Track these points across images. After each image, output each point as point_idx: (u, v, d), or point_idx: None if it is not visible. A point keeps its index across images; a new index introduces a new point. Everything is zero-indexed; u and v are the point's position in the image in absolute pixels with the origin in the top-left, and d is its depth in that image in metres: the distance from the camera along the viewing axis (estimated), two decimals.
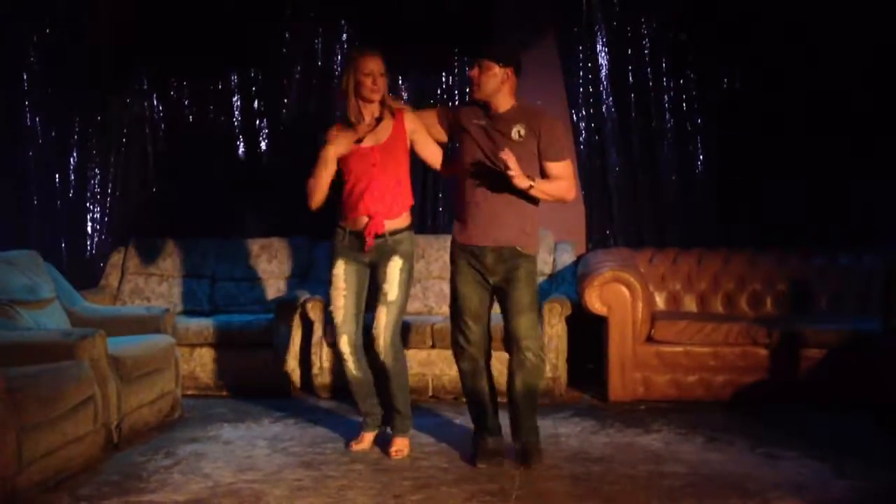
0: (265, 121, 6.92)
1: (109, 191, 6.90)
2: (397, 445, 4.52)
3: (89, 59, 6.75)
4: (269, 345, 5.90)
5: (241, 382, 5.92)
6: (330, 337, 4.43)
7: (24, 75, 6.73)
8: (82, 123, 6.84)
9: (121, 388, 4.63)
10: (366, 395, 4.60)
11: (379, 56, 4.41)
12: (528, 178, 4.17)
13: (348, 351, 4.50)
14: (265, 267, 6.58)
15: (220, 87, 6.90)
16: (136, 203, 6.96)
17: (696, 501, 3.81)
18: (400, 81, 6.79)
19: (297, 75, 6.84)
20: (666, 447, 4.65)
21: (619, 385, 5.61)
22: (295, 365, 5.93)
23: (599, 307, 5.62)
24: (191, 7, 6.72)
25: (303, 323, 5.94)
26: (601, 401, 5.65)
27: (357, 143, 4.42)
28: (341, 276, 4.48)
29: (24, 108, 6.75)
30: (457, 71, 6.75)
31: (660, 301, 6.21)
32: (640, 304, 5.62)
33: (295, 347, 5.92)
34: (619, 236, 6.65)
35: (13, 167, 6.75)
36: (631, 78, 6.58)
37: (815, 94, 6.32)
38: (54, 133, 6.82)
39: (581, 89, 6.65)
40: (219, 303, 6.51)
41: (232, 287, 6.55)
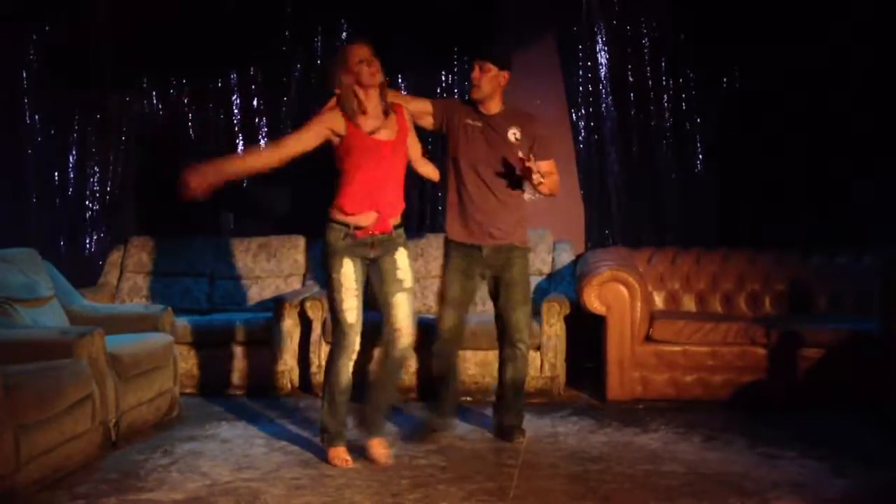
0: (265, 119, 6.92)
1: (108, 189, 6.91)
2: (385, 448, 4.42)
3: (89, 57, 6.74)
4: (268, 343, 5.90)
5: (240, 381, 5.92)
6: (343, 339, 4.27)
7: (23, 74, 6.73)
8: (82, 122, 6.85)
9: (119, 386, 4.63)
10: (346, 403, 4.42)
11: (365, 43, 4.30)
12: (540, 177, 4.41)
13: (357, 352, 4.37)
14: (263, 265, 6.59)
15: (220, 85, 6.91)
16: (134, 201, 6.96)
17: (694, 501, 3.81)
18: (399, 80, 6.80)
19: (296, 74, 6.84)
20: (664, 446, 4.65)
21: (618, 384, 5.61)
22: (293, 363, 5.93)
23: (598, 306, 5.62)
24: (191, 6, 6.72)
25: (301, 322, 5.94)
26: (599, 400, 5.65)
27: (370, 133, 4.29)
28: (351, 276, 4.28)
29: (24, 106, 6.75)
30: (456, 70, 6.75)
31: (658, 300, 6.21)
32: (638, 304, 5.62)
33: (293, 346, 5.92)
34: (617, 236, 6.65)
35: (12, 165, 6.75)
36: (630, 77, 6.58)
37: (814, 93, 6.32)
38: (54, 131, 6.82)
39: (580, 88, 6.65)
40: (217, 301, 6.51)
41: (230, 286, 6.55)
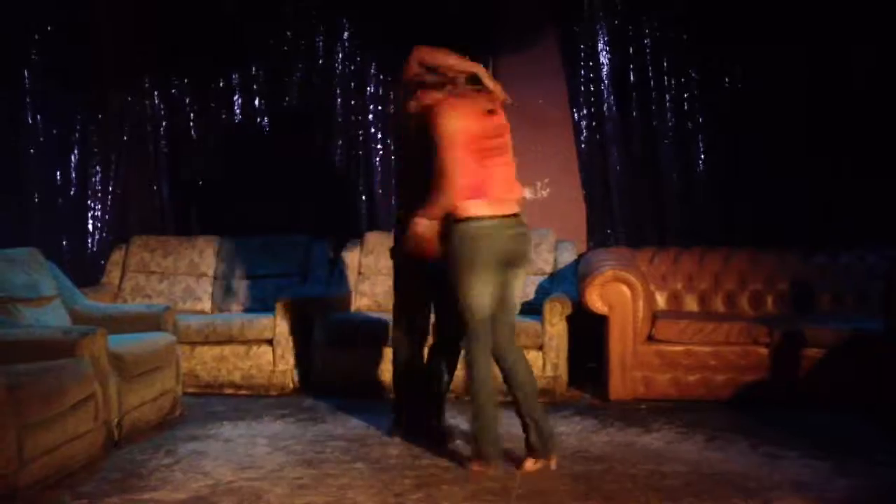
0: (266, 119, 6.92)
1: (111, 188, 6.91)
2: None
3: (90, 57, 6.75)
4: (270, 343, 5.90)
5: (242, 380, 5.92)
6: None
7: (25, 73, 6.72)
8: (83, 121, 6.84)
9: (121, 385, 4.63)
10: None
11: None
12: None
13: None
14: (265, 265, 6.58)
15: (222, 84, 6.91)
16: (136, 201, 6.96)
17: (696, 501, 3.81)
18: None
19: (298, 73, 6.84)
20: (666, 446, 4.65)
21: (620, 384, 5.61)
22: (295, 363, 5.92)
23: (600, 306, 5.62)
24: (192, 5, 6.73)
25: (303, 321, 5.94)
26: (602, 400, 5.64)
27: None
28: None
29: (26, 106, 6.75)
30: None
31: (661, 300, 6.21)
32: (640, 304, 5.61)
33: (295, 345, 5.92)
34: (620, 235, 6.65)
35: (14, 165, 6.75)
36: (632, 77, 6.58)
37: (816, 93, 6.32)
38: (55, 131, 6.81)
39: (582, 88, 6.64)
40: (219, 301, 6.52)
41: (232, 285, 6.55)
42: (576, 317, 5.78)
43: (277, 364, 5.89)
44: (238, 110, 6.91)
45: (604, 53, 6.61)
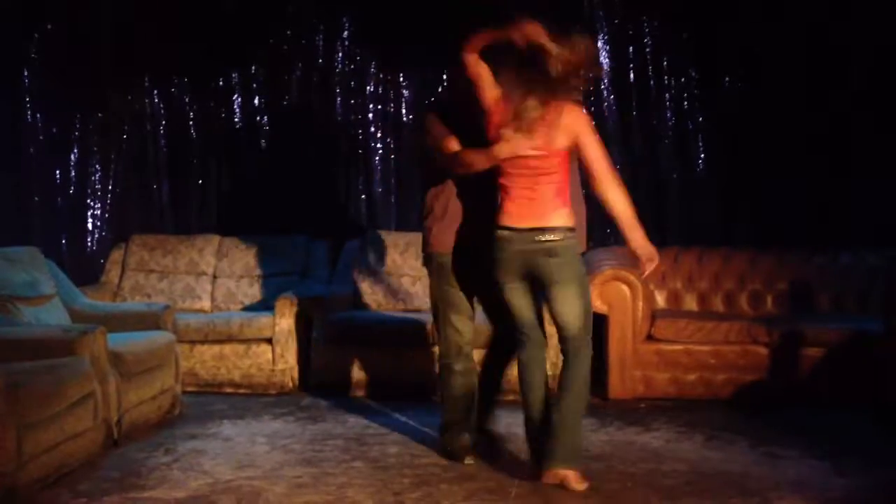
0: (266, 118, 6.93)
1: (110, 187, 6.91)
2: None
3: (90, 55, 6.75)
4: (269, 342, 5.90)
5: (241, 379, 5.92)
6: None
7: (24, 71, 6.72)
8: (83, 120, 6.84)
9: (121, 384, 4.63)
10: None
11: None
12: None
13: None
14: (265, 264, 6.58)
15: (221, 83, 6.91)
16: (136, 200, 6.97)
17: (695, 500, 3.81)
18: (401, 79, 6.80)
19: (298, 72, 6.84)
20: (666, 445, 4.65)
21: (619, 383, 5.61)
22: (294, 362, 5.93)
23: (599, 305, 5.61)
24: (191, 4, 6.72)
25: (302, 320, 5.94)
26: (601, 399, 5.64)
27: None
28: None
29: (25, 104, 6.75)
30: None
31: (660, 299, 6.21)
32: (640, 303, 5.62)
33: (294, 344, 5.92)
34: (619, 235, 6.62)
35: (14, 164, 6.75)
36: (632, 76, 6.59)
37: (816, 92, 6.32)
38: (55, 129, 6.82)
39: (581, 87, 6.62)
40: (219, 299, 6.51)
41: (232, 284, 6.55)
42: None
43: (277, 363, 5.89)
44: (237, 109, 6.91)
45: (603, 53, 6.61)
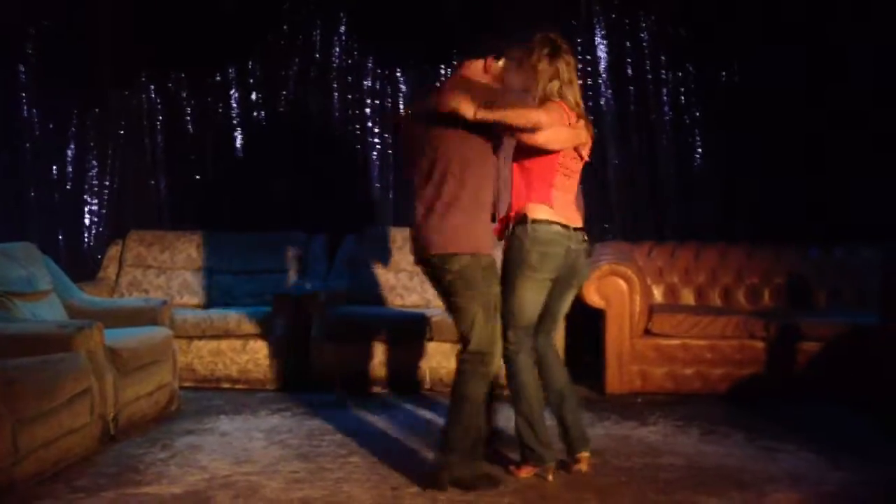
0: (263, 113, 6.92)
1: (107, 183, 6.90)
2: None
3: (87, 51, 6.74)
4: (266, 337, 5.90)
5: (239, 375, 5.92)
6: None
7: (21, 68, 6.72)
8: (80, 116, 6.84)
9: (118, 379, 4.62)
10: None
11: None
12: None
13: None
14: (262, 260, 6.57)
15: (218, 79, 6.90)
16: (133, 195, 6.96)
17: (692, 494, 3.82)
18: (399, 75, 6.79)
19: (295, 68, 6.84)
20: (663, 440, 4.66)
21: (617, 378, 5.61)
22: (292, 358, 5.92)
23: (597, 300, 5.62)
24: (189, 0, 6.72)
25: (300, 316, 5.93)
26: (598, 393, 5.65)
27: None
28: None
29: (22, 100, 6.75)
30: (455, 63, 6.73)
31: (657, 294, 6.21)
32: (637, 298, 5.62)
33: (291, 340, 5.92)
34: (616, 230, 6.65)
35: (11, 160, 6.75)
36: (630, 71, 6.58)
37: (813, 87, 6.32)
38: (52, 125, 6.81)
39: (579, 82, 6.61)
40: (216, 295, 6.51)
41: (229, 280, 6.55)
42: (572, 311, 5.70)
43: (274, 358, 5.89)
44: (235, 104, 6.91)
45: (601, 48, 6.61)
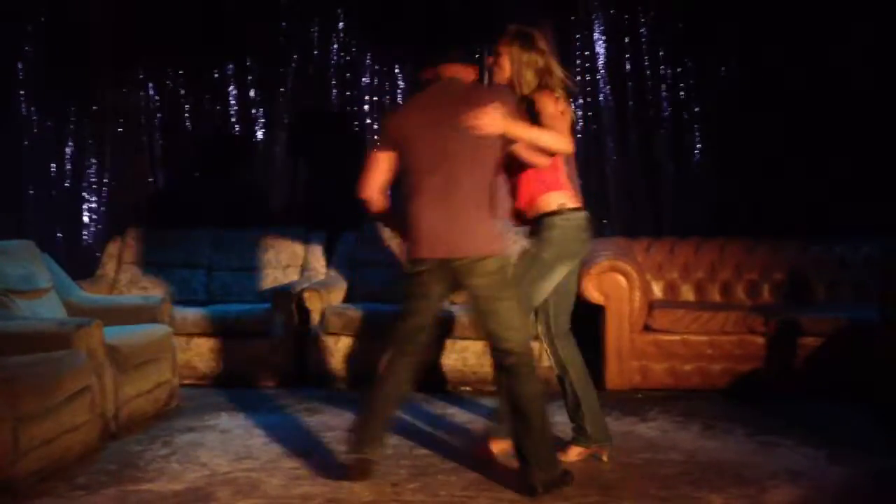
0: (262, 110, 6.91)
1: (106, 180, 6.90)
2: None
3: (84, 48, 6.73)
4: (266, 334, 5.90)
5: (238, 372, 5.92)
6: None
7: (19, 64, 6.71)
8: (78, 113, 6.83)
9: (118, 377, 4.63)
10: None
11: None
12: None
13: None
14: (262, 257, 6.58)
15: (217, 76, 6.90)
16: (132, 193, 6.96)
17: (692, 489, 3.82)
18: (397, 72, 6.79)
19: (294, 65, 6.83)
20: (663, 435, 4.66)
21: (616, 374, 5.61)
22: (291, 354, 5.92)
23: (596, 296, 5.62)
24: None
25: (299, 312, 5.94)
26: (598, 389, 5.61)
27: None
28: None
29: (20, 97, 6.74)
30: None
31: (657, 290, 6.21)
32: (637, 294, 5.62)
33: (291, 337, 5.91)
34: (615, 225, 6.65)
35: (9, 157, 6.74)
36: (628, 67, 6.58)
37: (813, 82, 6.31)
38: (50, 123, 6.81)
39: (578, 78, 6.63)
40: (215, 292, 6.51)
41: (228, 277, 6.55)
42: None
43: (273, 355, 5.89)
44: (233, 101, 6.90)
45: (599, 43, 6.60)
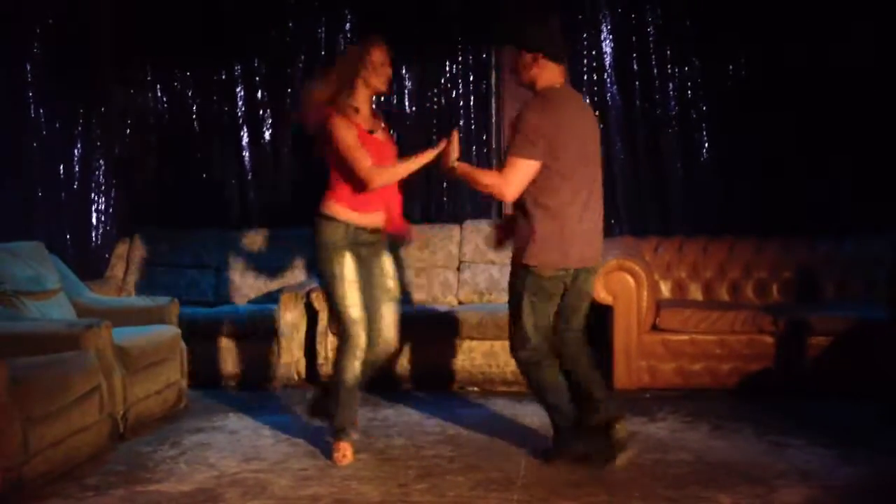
0: (269, 111, 6.92)
1: (114, 182, 6.91)
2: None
3: (92, 49, 6.74)
4: (274, 335, 5.90)
5: (246, 372, 5.93)
6: (348, 337, 4.20)
7: (27, 66, 6.72)
8: (86, 114, 6.84)
9: (126, 378, 4.64)
10: (356, 399, 4.35)
11: (387, 45, 4.27)
12: None
13: (363, 348, 4.24)
14: (269, 257, 6.58)
15: (224, 76, 6.90)
16: (140, 194, 6.97)
17: (701, 489, 3.81)
18: (404, 72, 6.78)
19: (300, 65, 6.83)
20: (671, 435, 4.65)
21: (625, 373, 5.60)
22: (299, 355, 5.93)
23: (604, 296, 5.61)
24: None
25: (307, 313, 5.94)
26: (607, 389, 5.63)
27: (370, 132, 4.26)
28: (354, 269, 4.21)
29: (28, 99, 6.75)
30: (460, 59, 6.74)
31: (665, 289, 6.20)
32: (645, 293, 5.61)
33: (299, 337, 5.92)
34: (623, 225, 6.63)
35: (18, 159, 6.75)
36: (635, 65, 6.56)
37: (820, 80, 6.29)
38: (58, 124, 6.82)
39: (585, 77, 6.62)
40: (223, 293, 6.52)
41: (236, 277, 6.56)
42: None
43: (282, 356, 5.89)
44: (240, 102, 6.91)
45: (606, 42, 6.59)
